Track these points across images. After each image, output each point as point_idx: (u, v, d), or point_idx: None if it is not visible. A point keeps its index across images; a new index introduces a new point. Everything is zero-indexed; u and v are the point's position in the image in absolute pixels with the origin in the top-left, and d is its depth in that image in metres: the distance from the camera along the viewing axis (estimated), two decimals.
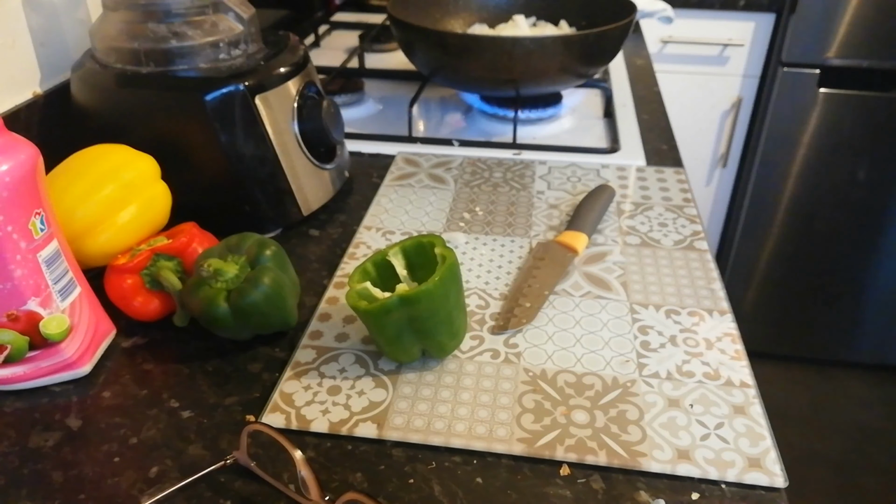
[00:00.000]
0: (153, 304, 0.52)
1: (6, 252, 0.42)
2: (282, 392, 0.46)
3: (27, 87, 0.67)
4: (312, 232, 0.65)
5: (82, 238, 0.52)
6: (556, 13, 0.95)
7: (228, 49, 0.61)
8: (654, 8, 1.27)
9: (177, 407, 0.46)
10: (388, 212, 0.67)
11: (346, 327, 0.52)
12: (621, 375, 0.48)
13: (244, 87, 0.58)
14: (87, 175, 0.53)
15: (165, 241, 0.53)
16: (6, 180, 0.41)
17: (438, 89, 0.96)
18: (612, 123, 0.86)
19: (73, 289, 0.47)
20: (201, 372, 0.49)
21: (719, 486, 0.40)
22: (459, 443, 0.43)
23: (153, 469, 0.42)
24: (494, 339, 0.51)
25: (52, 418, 0.45)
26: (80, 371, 0.48)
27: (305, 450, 0.41)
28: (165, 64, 0.59)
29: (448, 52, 0.78)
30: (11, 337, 0.45)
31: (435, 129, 0.87)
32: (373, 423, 0.44)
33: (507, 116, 0.87)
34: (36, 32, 0.67)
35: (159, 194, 0.56)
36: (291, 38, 0.68)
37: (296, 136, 0.63)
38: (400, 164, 0.76)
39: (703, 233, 0.64)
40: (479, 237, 0.63)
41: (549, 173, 0.75)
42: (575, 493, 0.40)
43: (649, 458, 0.41)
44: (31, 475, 0.41)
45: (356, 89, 0.93)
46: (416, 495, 0.40)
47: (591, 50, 0.77)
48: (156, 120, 0.59)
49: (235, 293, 0.47)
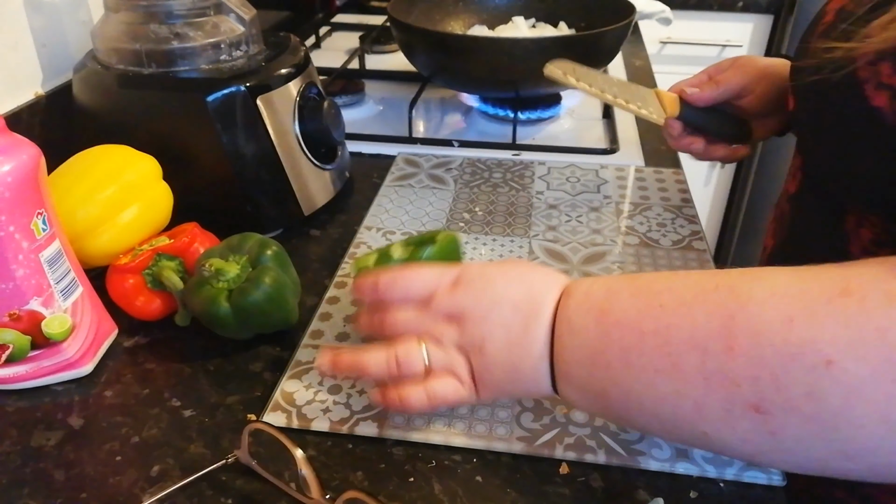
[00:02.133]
0: (155, 303, 0.52)
1: (8, 252, 0.42)
2: (283, 391, 0.46)
3: (29, 87, 0.67)
4: (313, 232, 0.66)
5: (84, 238, 0.52)
6: (555, 15, 0.95)
7: (230, 50, 0.61)
8: (652, 9, 1.28)
9: (178, 406, 0.46)
10: (388, 212, 0.67)
11: (346, 327, 0.52)
12: None
13: (245, 87, 0.58)
14: (89, 175, 0.54)
15: (167, 241, 0.53)
16: (8, 180, 0.41)
17: (438, 90, 0.96)
18: (611, 124, 0.86)
19: (75, 288, 0.47)
20: (203, 371, 0.49)
21: (717, 485, 0.41)
22: (459, 441, 0.43)
23: (155, 468, 0.42)
24: None
25: (54, 417, 0.46)
26: (82, 370, 0.48)
27: (306, 448, 0.41)
28: (167, 65, 0.59)
29: (448, 54, 0.78)
30: (13, 336, 0.45)
31: (435, 130, 0.88)
32: (373, 422, 0.44)
33: (506, 117, 0.87)
34: (38, 33, 0.67)
35: (161, 194, 0.57)
36: (292, 40, 0.69)
37: (297, 137, 0.64)
38: (400, 165, 0.76)
39: (701, 233, 0.64)
40: (478, 237, 0.64)
41: (549, 174, 0.75)
42: (574, 491, 0.40)
43: (648, 456, 0.42)
44: (33, 474, 0.42)
45: (357, 90, 0.93)
46: (416, 494, 0.40)
47: (590, 51, 0.78)
48: (157, 121, 0.59)
49: (237, 293, 0.48)
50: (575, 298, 0.39)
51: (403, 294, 0.43)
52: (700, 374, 0.34)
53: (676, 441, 0.42)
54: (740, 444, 0.35)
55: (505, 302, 0.40)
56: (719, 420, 0.34)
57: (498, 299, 0.40)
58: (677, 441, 0.41)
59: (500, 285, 0.41)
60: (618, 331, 0.37)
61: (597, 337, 0.38)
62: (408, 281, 0.43)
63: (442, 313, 0.41)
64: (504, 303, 0.40)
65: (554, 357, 0.39)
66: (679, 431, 0.37)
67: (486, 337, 0.40)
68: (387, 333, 0.43)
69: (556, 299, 0.40)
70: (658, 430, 0.39)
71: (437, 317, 0.41)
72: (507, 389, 0.42)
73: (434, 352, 0.41)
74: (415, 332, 0.41)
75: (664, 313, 0.36)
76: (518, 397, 0.45)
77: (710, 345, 0.34)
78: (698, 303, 0.35)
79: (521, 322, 0.40)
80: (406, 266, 0.44)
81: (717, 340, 0.34)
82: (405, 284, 0.43)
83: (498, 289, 0.41)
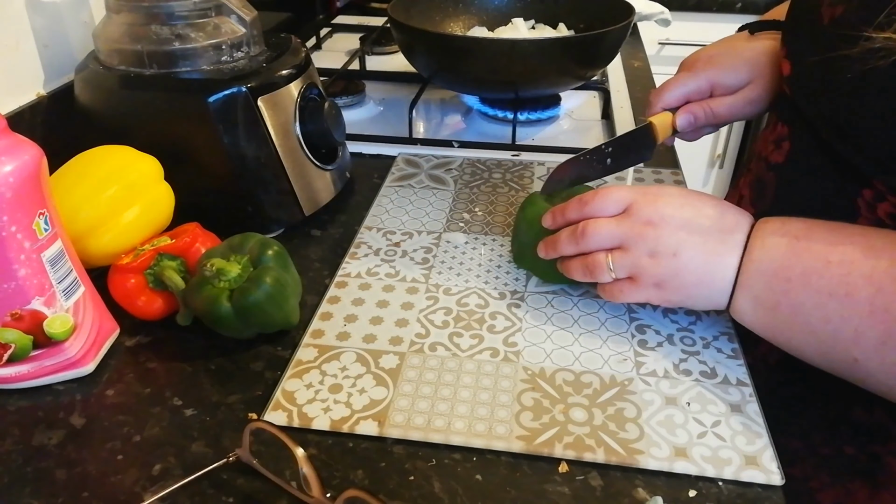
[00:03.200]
0: (156, 303, 0.52)
1: (10, 252, 0.42)
2: (284, 390, 0.47)
3: (31, 88, 0.67)
4: (314, 232, 0.66)
5: (86, 238, 0.52)
6: (554, 16, 0.95)
7: (231, 51, 0.61)
8: (651, 10, 1.28)
9: (180, 405, 0.46)
10: (388, 212, 0.68)
11: (347, 326, 0.52)
12: (619, 374, 0.48)
13: (247, 88, 0.59)
14: (91, 176, 0.54)
15: (169, 241, 0.53)
16: (10, 181, 0.41)
17: (438, 91, 0.97)
18: (610, 125, 0.87)
19: (76, 288, 0.47)
20: (204, 370, 0.49)
21: (716, 484, 0.41)
22: (459, 440, 0.43)
23: (156, 466, 0.42)
24: (494, 338, 0.51)
25: (56, 416, 0.46)
26: (84, 370, 0.48)
27: (307, 447, 0.41)
28: (168, 66, 0.59)
29: (448, 55, 0.79)
30: (15, 336, 0.45)
31: (435, 131, 0.88)
32: (374, 421, 0.44)
33: (506, 118, 0.88)
34: (39, 34, 0.67)
35: (162, 195, 0.57)
36: (293, 41, 0.69)
37: (297, 138, 0.64)
38: (400, 165, 0.77)
39: None
40: (478, 237, 0.64)
41: (548, 174, 0.75)
42: (573, 490, 0.40)
43: (647, 455, 0.42)
44: (34, 473, 0.42)
45: (357, 91, 0.93)
46: (416, 492, 0.40)
47: (589, 52, 0.78)
48: (159, 121, 0.60)
49: (238, 292, 0.48)
50: (772, 224, 0.46)
51: (602, 207, 0.50)
52: (868, 305, 0.40)
53: (824, 364, 0.45)
54: (884, 376, 0.41)
55: (703, 215, 0.47)
56: (873, 349, 0.41)
57: (696, 212, 0.47)
58: (825, 364, 0.45)
59: (696, 201, 0.48)
60: (807, 254, 0.43)
61: (785, 255, 0.44)
62: (608, 195, 0.50)
63: (642, 220, 0.48)
64: (702, 216, 0.47)
65: (741, 268, 0.45)
66: (832, 353, 0.43)
67: (682, 243, 0.47)
68: (589, 245, 0.49)
69: (750, 223, 0.47)
70: (812, 351, 0.44)
71: (634, 223, 0.48)
72: (693, 293, 0.48)
73: (620, 262, 0.48)
74: (614, 239, 0.48)
75: (853, 250, 0.42)
76: (693, 306, 0.49)
77: (886, 285, 0.40)
78: (886, 251, 0.41)
79: (717, 233, 0.46)
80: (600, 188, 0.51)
81: (893, 283, 0.40)
82: (605, 198, 0.50)
83: (696, 203, 0.48)
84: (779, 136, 0.57)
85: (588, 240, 0.49)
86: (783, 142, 0.56)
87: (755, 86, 0.60)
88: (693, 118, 0.60)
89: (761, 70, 0.60)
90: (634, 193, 0.49)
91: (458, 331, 0.52)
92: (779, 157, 0.57)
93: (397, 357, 0.49)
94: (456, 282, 0.58)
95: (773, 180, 0.57)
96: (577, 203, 0.51)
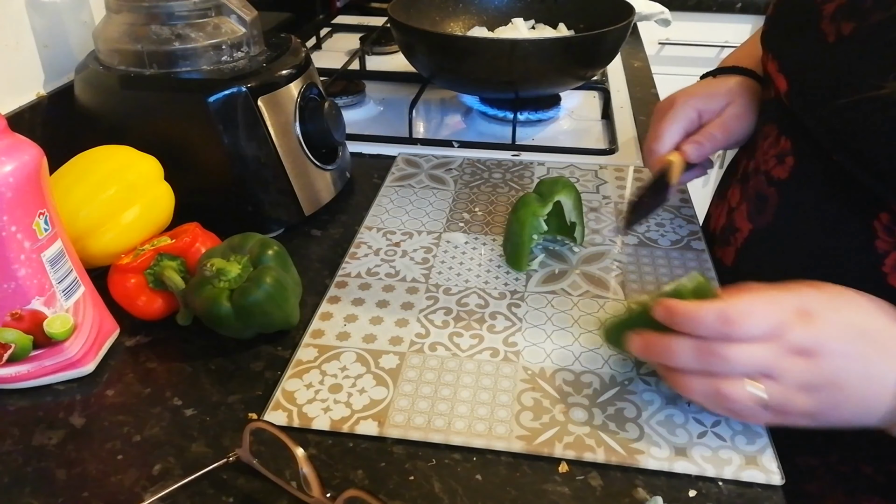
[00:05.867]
0: (156, 303, 0.52)
1: (10, 252, 0.42)
2: (284, 390, 0.47)
3: (31, 88, 0.67)
4: (314, 232, 0.66)
5: (86, 238, 0.52)
6: (554, 16, 0.95)
7: (231, 51, 0.61)
8: (651, 10, 1.28)
9: (180, 405, 0.46)
10: (388, 212, 0.68)
11: (347, 326, 0.52)
12: (619, 374, 0.48)
13: (247, 88, 0.59)
14: (91, 176, 0.54)
15: (169, 241, 0.53)
16: (10, 181, 0.41)
17: (438, 91, 0.97)
18: (610, 125, 0.87)
19: (76, 288, 0.47)
20: (204, 370, 0.49)
21: (716, 484, 0.41)
22: (459, 440, 0.43)
23: (156, 466, 0.42)
24: (494, 338, 0.51)
25: (56, 416, 0.46)
26: (84, 370, 0.48)
27: (307, 447, 0.41)
28: (168, 66, 0.59)
29: (448, 55, 0.79)
30: (15, 336, 0.45)
31: (435, 131, 0.88)
32: (374, 421, 0.44)
33: (506, 118, 0.88)
34: (39, 34, 0.67)
35: (162, 195, 0.57)
36: (293, 41, 0.69)
37: (297, 138, 0.64)
38: (400, 165, 0.77)
39: (699, 233, 0.65)
40: (478, 237, 0.64)
41: (548, 174, 0.75)
42: (573, 489, 0.40)
43: (647, 455, 0.42)
44: (34, 473, 0.42)
45: (357, 91, 0.93)
46: (416, 492, 0.40)
47: (589, 52, 0.78)
48: (159, 121, 0.60)
49: (238, 292, 0.48)
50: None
51: (748, 332, 0.39)
52: None
53: None
54: None
55: (860, 334, 0.40)
56: None
57: (854, 332, 0.40)
58: None
59: (850, 315, 0.41)
60: None
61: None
62: (754, 316, 0.39)
63: (794, 347, 0.39)
64: (860, 335, 0.40)
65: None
66: None
67: (841, 370, 0.39)
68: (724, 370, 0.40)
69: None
70: None
71: (784, 351, 0.39)
72: (848, 421, 0.41)
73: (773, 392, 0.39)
74: (758, 367, 0.39)
75: None
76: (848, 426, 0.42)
77: None
78: None
79: (878, 352, 0.40)
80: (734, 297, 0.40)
81: None
82: (752, 320, 0.39)
83: (852, 319, 0.41)
84: (781, 151, 0.55)
85: (727, 365, 0.40)
86: (786, 157, 0.55)
87: (735, 104, 0.62)
88: (698, 145, 0.60)
89: (736, 92, 0.62)
90: (784, 312, 0.40)
91: (458, 331, 0.52)
92: (782, 172, 0.55)
93: (397, 357, 0.49)
94: (456, 282, 0.58)
95: (776, 196, 0.55)
96: (718, 320, 0.39)
